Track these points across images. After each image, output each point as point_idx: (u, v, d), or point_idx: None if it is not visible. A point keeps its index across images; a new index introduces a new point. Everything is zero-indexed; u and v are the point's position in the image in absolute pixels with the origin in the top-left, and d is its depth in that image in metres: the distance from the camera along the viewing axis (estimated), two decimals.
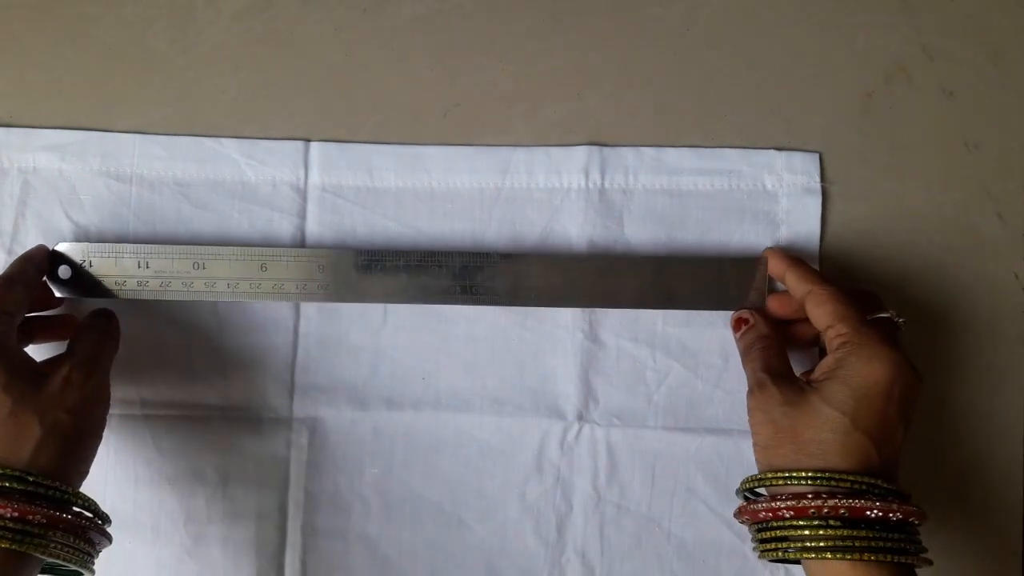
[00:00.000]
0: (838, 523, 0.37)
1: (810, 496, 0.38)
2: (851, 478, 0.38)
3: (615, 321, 0.47)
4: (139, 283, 0.45)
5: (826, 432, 0.39)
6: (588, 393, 0.47)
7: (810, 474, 0.38)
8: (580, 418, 0.47)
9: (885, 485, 0.38)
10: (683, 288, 0.45)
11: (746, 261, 0.46)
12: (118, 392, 0.47)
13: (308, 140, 0.48)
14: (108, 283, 0.45)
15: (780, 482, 0.39)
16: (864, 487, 0.38)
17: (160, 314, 0.47)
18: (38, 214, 0.47)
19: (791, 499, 0.38)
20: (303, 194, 0.48)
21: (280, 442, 0.47)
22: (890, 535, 0.37)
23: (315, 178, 0.48)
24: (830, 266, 0.47)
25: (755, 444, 0.41)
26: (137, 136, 0.48)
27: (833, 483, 0.38)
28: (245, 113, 0.48)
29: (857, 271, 0.47)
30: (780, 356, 0.43)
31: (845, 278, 0.47)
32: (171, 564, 0.46)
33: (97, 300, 0.45)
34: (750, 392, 0.42)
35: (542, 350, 0.47)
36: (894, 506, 0.37)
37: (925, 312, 0.47)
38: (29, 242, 0.47)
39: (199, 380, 0.47)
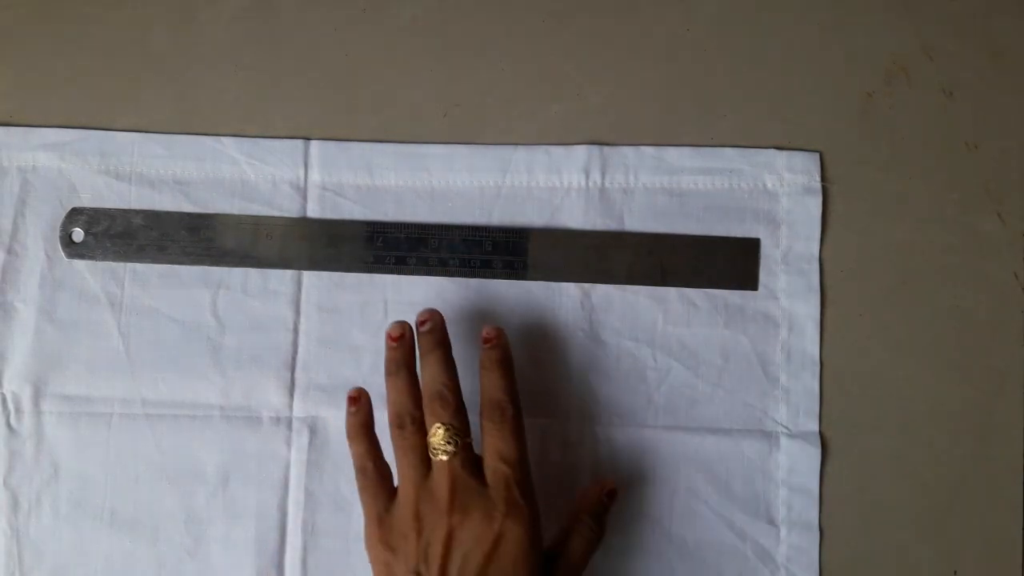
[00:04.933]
0: None
1: None
2: None
3: (615, 320, 0.47)
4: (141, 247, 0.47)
5: None
6: (588, 392, 0.47)
7: None
8: (580, 418, 0.47)
9: None
10: (676, 266, 0.46)
11: (738, 241, 0.46)
12: (118, 392, 0.47)
13: (308, 139, 0.48)
14: (117, 246, 0.47)
15: None
16: None
17: (160, 314, 0.47)
18: (37, 213, 0.47)
19: None
20: (303, 192, 0.48)
21: (280, 442, 0.47)
22: None
23: (315, 176, 0.48)
24: (830, 266, 0.47)
25: None
26: (137, 134, 0.48)
27: None
28: (245, 113, 0.48)
29: (857, 271, 0.47)
30: None
31: (845, 278, 0.47)
32: (171, 564, 0.46)
33: (107, 263, 0.47)
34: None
35: (542, 349, 0.47)
36: None
37: (925, 312, 0.47)
38: (29, 241, 0.47)
39: (199, 380, 0.47)
